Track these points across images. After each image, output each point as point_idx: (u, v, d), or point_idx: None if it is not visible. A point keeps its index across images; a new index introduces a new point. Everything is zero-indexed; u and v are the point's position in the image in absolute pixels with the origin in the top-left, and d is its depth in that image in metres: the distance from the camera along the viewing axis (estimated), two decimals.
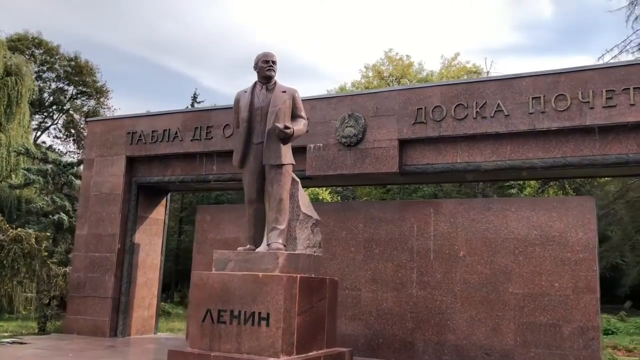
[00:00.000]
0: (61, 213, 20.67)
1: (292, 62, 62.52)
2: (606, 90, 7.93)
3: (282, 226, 6.73)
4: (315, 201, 21.94)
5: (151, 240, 11.93)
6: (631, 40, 20.53)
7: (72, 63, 37.36)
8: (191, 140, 10.87)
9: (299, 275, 6.44)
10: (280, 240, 6.67)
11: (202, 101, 31.48)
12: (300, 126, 6.90)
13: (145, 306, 11.71)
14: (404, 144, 9.18)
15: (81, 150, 34.77)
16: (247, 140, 6.84)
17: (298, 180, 7.15)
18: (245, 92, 7.01)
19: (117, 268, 11.16)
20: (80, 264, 11.46)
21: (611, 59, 20.45)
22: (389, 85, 30.34)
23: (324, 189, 24.10)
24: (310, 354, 6.54)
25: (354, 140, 9.37)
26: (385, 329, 9.35)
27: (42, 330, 11.84)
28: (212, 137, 10.68)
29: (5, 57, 23.01)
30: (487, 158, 8.71)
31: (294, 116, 6.95)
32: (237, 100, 7.05)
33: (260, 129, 6.80)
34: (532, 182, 23.27)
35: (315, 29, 60.83)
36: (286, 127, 6.65)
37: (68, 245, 20.60)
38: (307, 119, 7.45)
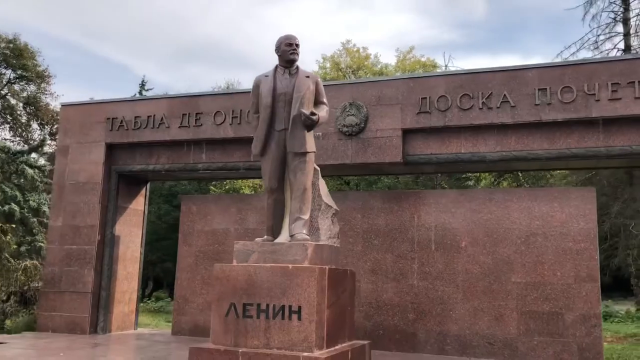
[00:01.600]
0: (12, 204, 19.55)
1: (244, 53, 61.64)
2: (611, 83, 8.08)
3: (307, 216, 6.48)
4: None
5: (131, 231, 11.36)
6: (589, 38, 21.48)
7: (11, 45, 35.24)
8: (179, 127, 10.38)
9: (327, 267, 6.22)
10: (304, 231, 6.41)
11: (152, 88, 30.58)
12: (323, 113, 6.65)
13: (126, 301, 11.16)
14: (407, 134, 9.08)
15: (18, 139, 32.96)
16: (269, 127, 6.54)
17: (318, 169, 6.91)
18: (267, 76, 6.68)
19: (97, 261, 10.56)
20: (54, 257, 10.77)
21: (570, 55, 21.28)
22: (345, 77, 30.35)
23: None
24: (337, 347, 6.34)
25: (355, 129, 9.19)
26: (386, 320, 9.27)
27: (1, 329, 11.09)
28: (201, 125, 10.24)
29: None
30: (491, 149, 8.74)
31: (317, 102, 6.69)
32: (257, 85, 6.71)
33: (284, 115, 6.50)
34: (487, 175, 23.89)
35: (268, 19, 60.09)
36: (312, 114, 6.39)
37: (19, 238, 19.50)
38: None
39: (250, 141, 9.94)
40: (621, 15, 20.97)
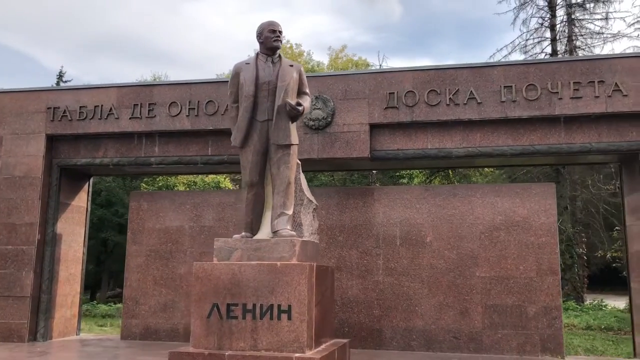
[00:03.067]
0: None
1: (162, 48, 59.73)
2: (573, 82, 8.36)
3: (290, 211, 6.21)
4: (218, 189, 21.15)
5: (73, 230, 10.56)
6: (520, 42, 22.43)
7: None
8: (129, 118, 9.75)
9: (315, 264, 5.99)
10: (289, 227, 6.14)
11: (70, 80, 28.87)
12: (307, 103, 6.41)
13: (68, 305, 10.36)
14: (374, 129, 8.99)
15: None
16: (251, 117, 6.20)
17: (299, 162, 6.66)
18: (248, 64, 6.34)
19: (37, 262, 9.71)
20: None
21: (502, 58, 22.12)
22: None
23: (224, 176, 23.28)
24: (323, 346, 6.13)
25: (322, 123, 8.99)
26: (351, 317, 9.14)
27: None
28: (155, 116, 9.66)
29: None
30: (457, 145, 8.81)
31: (300, 92, 6.43)
32: (237, 73, 6.35)
33: (267, 105, 6.19)
34: (418, 173, 24.42)
35: (189, 14, 58.56)
36: (298, 104, 6.13)
37: None
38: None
39: (209, 134, 9.68)
40: (548, 21, 22.06)
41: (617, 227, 17.08)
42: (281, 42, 6.34)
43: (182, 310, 9.78)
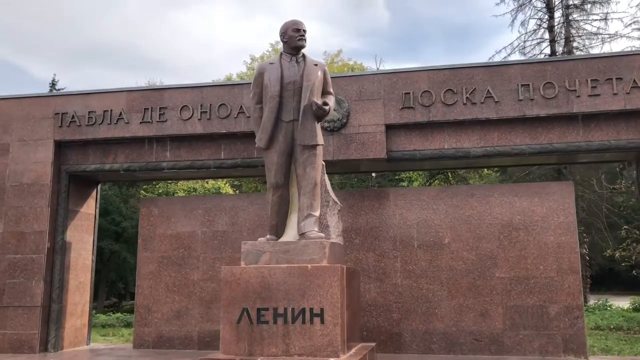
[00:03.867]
0: None
1: (149, 55, 59.50)
2: (591, 80, 8.30)
3: (318, 213, 6.08)
4: (218, 194, 20.97)
5: (82, 237, 10.37)
6: (518, 44, 22.47)
7: None
8: (140, 122, 9.60)
9: (345, 267, 5.87)
10: (316, 229, 6.02)
11: (63, 88, 28.56)
12: (332, 103, 6.31)
13: (78, 314, 10.15)
14: (390, 129, 8.89)
15: None
16: (276, 118, 6.08)
17: (324, 163, 6.54)
18: (272, 64, 6.23)
19: (47, 271, 9.51)
20: None
21: (502, 59, 22.14)
22: None
23: (224, 182, 23.10)
24: (354, 350, 6.01)
25: (337, 124, 8.88)
26: (370, 321, 9.00)
27: None
28: (166, 120, 9.52)
29: None
30: (475, 144, 8.73)
31: (324, 92, 6.33)
32: (261, 73, 6.23)
33: (293, 105, 6.07)
34: (418, 175, 24.41)
35: (175, 22, 58.40)
36: (324, 104, 6.03)
37: None
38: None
39: (222, 138, 9.54)
40: (547, 22, 22.12)
41: (625, 227, 17.02)
42: (305, 40, 6.24)
43: (196, 317, 9.61)
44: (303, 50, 6.31)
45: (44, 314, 9.42)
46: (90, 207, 10.66)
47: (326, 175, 6.62)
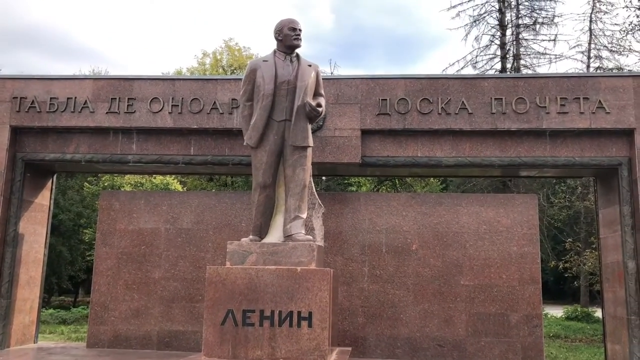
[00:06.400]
0: None
1: (84, 42, 57.41)
2: (560, 98, 8.64)
3: (305, 215, 6.04)
4: (167, 191, 20.42)
5: (35, 230, 9.83)
6: (472, 57, 23.14)
7: None
8: (106, 112, 9.21)
9: (332, 270, 5.84)
10: (303, 231, 5.97)
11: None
12: (324, 105, 6.29)
13: (27, 310, 9.61)
14: (365, 135, 8.92)
15: None
16: (269, 117, 5.98)
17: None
18: (265, 61, 6.12)
19: None
20: None
21: (455, 72, 22.74)
22: (226, 73, 29.62)
23: (173, 178, 22.52)
24: (334, 354, 5.99)
25: (313, 127, 8.76)
26: (335, 324, 8.98)
27: None
28: (134, 111, 9.18)
29: None
30: (447, 154, 8.89)
31: (316, 93, 6.29)
32: (253, 70, 6.12)
33: (285, 105, 6.00)
34: (365, 180, 24.65)
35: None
36: (318, 105, 6.00)
37: None
38: None
39: (192, 133, 9.30)
40: (499, 39, 22.90)
41: (569, 239, 17.84)
42: (301, 40, 6.17)
43: (155, 316, 9.29)
44: (297, 50, 6.24)
45: None
46: (45, 198, 10.13)
47: (311, 178, 6.57)
